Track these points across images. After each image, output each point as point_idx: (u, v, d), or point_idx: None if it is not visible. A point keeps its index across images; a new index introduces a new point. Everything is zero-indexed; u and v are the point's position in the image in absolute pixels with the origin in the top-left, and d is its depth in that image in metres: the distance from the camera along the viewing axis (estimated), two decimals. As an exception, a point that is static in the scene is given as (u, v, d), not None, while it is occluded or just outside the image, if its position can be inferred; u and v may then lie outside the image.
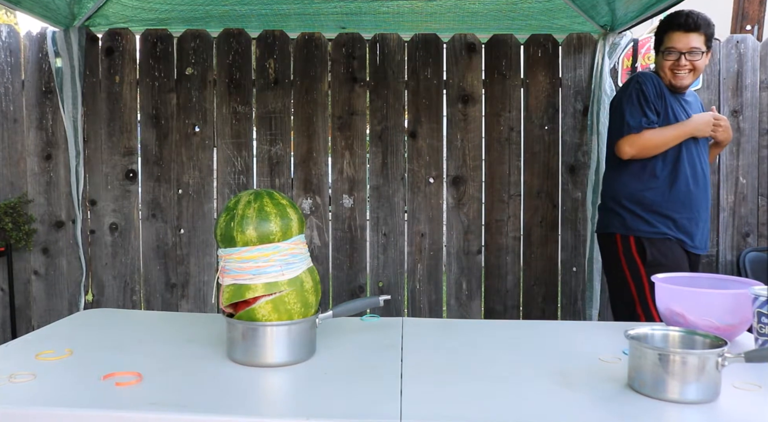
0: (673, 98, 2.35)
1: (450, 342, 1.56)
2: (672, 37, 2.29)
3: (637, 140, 2.28)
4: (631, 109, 2.31)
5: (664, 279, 1.70)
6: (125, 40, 3.06)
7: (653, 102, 2.29)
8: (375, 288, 3.13)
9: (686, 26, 2.27)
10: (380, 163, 3.09)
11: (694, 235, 2.33)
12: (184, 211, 3.09)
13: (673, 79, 2.32)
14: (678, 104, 2.35)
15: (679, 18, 2.29)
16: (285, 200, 1.42)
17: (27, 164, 3.05)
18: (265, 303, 1.34)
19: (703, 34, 2.28)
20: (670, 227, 2.31)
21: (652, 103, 2.29)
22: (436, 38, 3.08)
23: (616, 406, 1.14)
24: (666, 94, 2.33)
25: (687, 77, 2.31)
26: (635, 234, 2.34)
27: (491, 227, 3.14)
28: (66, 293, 3.09)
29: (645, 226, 2.33)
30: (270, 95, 3.07)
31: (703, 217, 2.35)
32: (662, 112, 2.30)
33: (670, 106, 2.31)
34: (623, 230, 2.37)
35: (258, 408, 1.17)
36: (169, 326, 1.72)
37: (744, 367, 1.19)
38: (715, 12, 5.13)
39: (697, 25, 2.27)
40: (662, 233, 2.31)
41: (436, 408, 1.12)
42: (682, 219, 2.31)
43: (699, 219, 2.34)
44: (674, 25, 2.29)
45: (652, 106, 2.29)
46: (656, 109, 2.29)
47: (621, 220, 2.38)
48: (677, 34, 2.28)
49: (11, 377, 1.25)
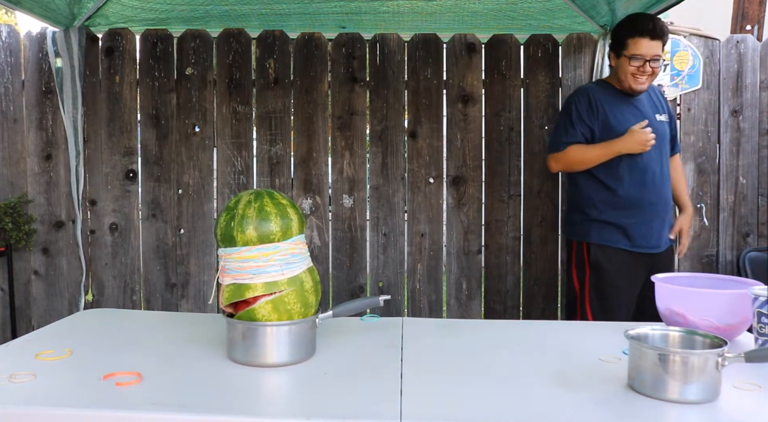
0: (623, 103, 2.41)
1: (450, 342, 1.56)
2: (638, 44, 2.30)
3: (561, 157, 2.44)
4: (560, 126, 2.47)
5: (664, 279, 1.70)
6: (125, 40, 3.06)
7: (586, 118, 2.38)
8: (375, 288, 3.13)
9: (652, 34, 2.29)
10: (380, 163, 3.09)
11: (645, 237, 2.39)
12: (184, 210, 3.09)
13: (633, 83, 2.35)
14: (627, 108, 2.40)
15: (647, 24, 2.30)
16: (285, 200, 1.42)
17: (27, 164, 3.05)
18: (265, 303, 1.34)
19: (662, 42, 2.33)
20: (616, 232, 2.40)
21: (585, 120, 2.38)
22: (436, 38, 3.08)
23: (616, 406, 1.14)
24: (606, 103, 2.39)
25: (645, 83, 2.35)
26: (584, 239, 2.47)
27: (491, 227, 3.14)
28: (66, 293, 3.09)
29: (593, 232, 2.44)
30: (270, 95, 3.07)
31: (658, 219, 2.41)
32: (600, 123, 2.37)
33: (612, 114, 2.37)
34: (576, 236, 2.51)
35: (258, 408, 1.17)
36: (169, 326, 1.72)
37: (744, 367, 1.19)
38: (715, 12, 5.12)
39: (662, 32, 2.31)
40: (607, 239, 2.40)
41: (436, 408, 1.12)
42: (631, 224, 2.38)
43: (652, 222, 2.40)
44: (641, 31, 2.29)
45: (584, 122, 2.38)
46: (589, 124, 2.38)
47: (574, 227, 2.53)
48: (643, 41, 2.29)
49: (11, 377, 1.25)
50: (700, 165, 3.17)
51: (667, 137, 2.48)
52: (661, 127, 2.43)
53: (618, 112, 2.39)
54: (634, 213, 2.39)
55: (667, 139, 2.49)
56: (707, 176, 3.16)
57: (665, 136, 2.46)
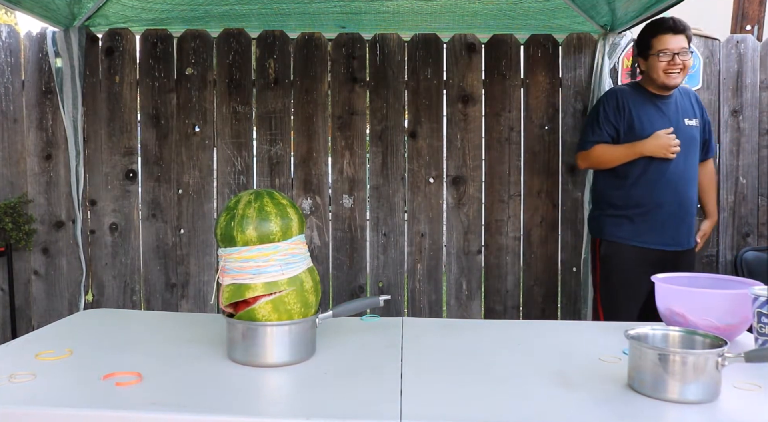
0: (650, 106, 2.47)
1: (450, 342, 1.56)
2: (663, 40, 2.41)
3: (587, 156, 2.54)
4: (588, 126, 2.56)
5: (664, 279, 1.70)
6: (125, 40, 3.06)
7: (612, 118, 2.48)
8: (375, 288, 3.13)
9: (675, 29, 2.41)
10: (380, 163, 3.09)
11: (657, 235, 2.45)
12: (184, 210, 3.09)
13: (666, 79, 2.42)
14: (655, 111, 2.47)
15: (668, 22, 2.43)
16: (285, 200, 1.42)
17: (27, 164, 3.05)
18: (265, 303, 1.34)
19: (686, 36, 2.43)
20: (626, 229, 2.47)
21: (611, 119, 2.48)
22: (436, 38, 3.08)
23: (616, 406, 1.14)
24: (634, 104, 2.47)
25: (679, 76, 2.42)
26: (598, 236, 2.58)
27: (491, 227, 3.14)
28: (66, 293, 3.09)
29: (606, 229, 2.53)
30: (270, 95, 3.07)
31: (675, 218, 2.45)
32: (625, 124, 2.46)
33: (637, 116, 2.45)
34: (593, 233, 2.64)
35: (258, 408, 1.17)
36: (169, 326, 1.72)
37: (744, 367, 1.19)
38: (715, 12, 5.12)
39: (684, 27, 2.43)
40: (618, 236, 2.49)
41: (436, 408, 1.12)
42: (642, 221, 2.45)
43: (666, 220, 2.45)
44: (664, 28, 2.42)
45: (610, 121, 2.48)
46: (615, 124, 2.47)
47: (591, 223, 2.66)
48: (668, 37, 2.41)
49: (11, 377, 1.25)
50: (700, 165, 3.17)
51: (696, 141, 2.52)
52: (689, 131, 2.49)
53: (644, 114, 2.46)
54: (645, 210, 2.45)
55: (695, 143, 2.53)
56: (707, 176, 3.16)
57: (693, 140, 2.51)
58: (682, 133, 2.44)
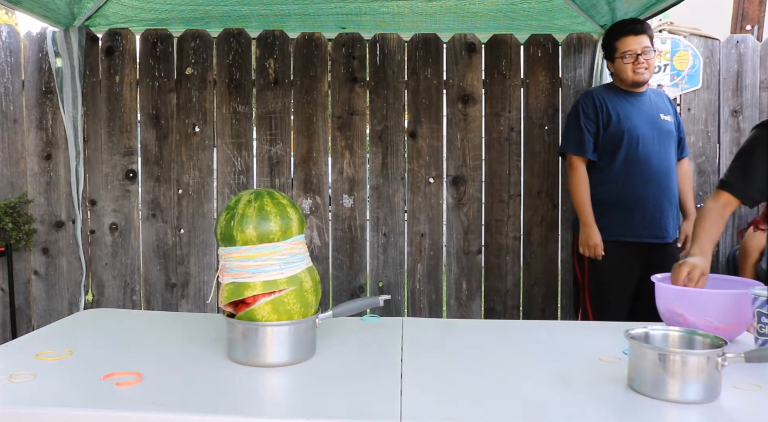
0: (626, 102, 2.58)
1: (450, 342, 1.56)
2: (626, 42, 2.53)
3: (569, 167, 2.63)
4: (569, 128, 2.65)
5: (665, 279, 1.70)
6: (125, 40, 3.06)
7: (592, 116, 2.58)
8: (375, 288, 3.13)
9: (635, 30, 2.52)
10: (380, 162, 3.09)
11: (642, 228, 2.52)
12: (184, 210, 3.09)
13: (635, 76, 2.54)
14: (630, 105, 2.57)
15: (629, 25, 2.54)
16: (285, 200, 1.42)
17: (27, 164, 3.05)
18: (265, 304, 1.34)
19: (648, 35, 2.54)
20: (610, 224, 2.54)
21: (591, 118, 2.58)
22: (436, 38, 3.08)
23: (616, 406, 1.14)
24: (611, 101, 2.57)
25: (646, 73, 2.54)
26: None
27: (491, 227, 3.14)
28: (66, 293, 3.09)
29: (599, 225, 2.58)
30: (270, 95, 3.07)
31: (657, 211, 2.52)
32: (605, 119, 2.55)
33: (615, 112, 2.55)
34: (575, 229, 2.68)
35: (258, 408, 1.17)
36: (169, 326, 1.72)
37: (744, 367, 1.19)
38: (715, 12, 5.12)
39: (644, 28, 2.54)
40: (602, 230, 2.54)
41: (436, 408, 1.12)
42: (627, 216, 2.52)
43: (649, 213, 2.51)
44: (626, 31, 2.54)
45: (591, 119, 2.57)
46: (595, 120, 2.57)
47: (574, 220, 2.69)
48: (630, 38, 2.52)
49: (11, 377, 1.25)
50: (700, 165, 3.17)
51: (672, 135, 2.61)
52: (665, 125, 2.59)
53: (621, 110, 2.56)
54: (629, 205, 2.52)
55: (673, 137, 2.60)
56: (707, 176, 3.16)
57: (671, 134, 2.60)
58: (659, 127, 2.55)
